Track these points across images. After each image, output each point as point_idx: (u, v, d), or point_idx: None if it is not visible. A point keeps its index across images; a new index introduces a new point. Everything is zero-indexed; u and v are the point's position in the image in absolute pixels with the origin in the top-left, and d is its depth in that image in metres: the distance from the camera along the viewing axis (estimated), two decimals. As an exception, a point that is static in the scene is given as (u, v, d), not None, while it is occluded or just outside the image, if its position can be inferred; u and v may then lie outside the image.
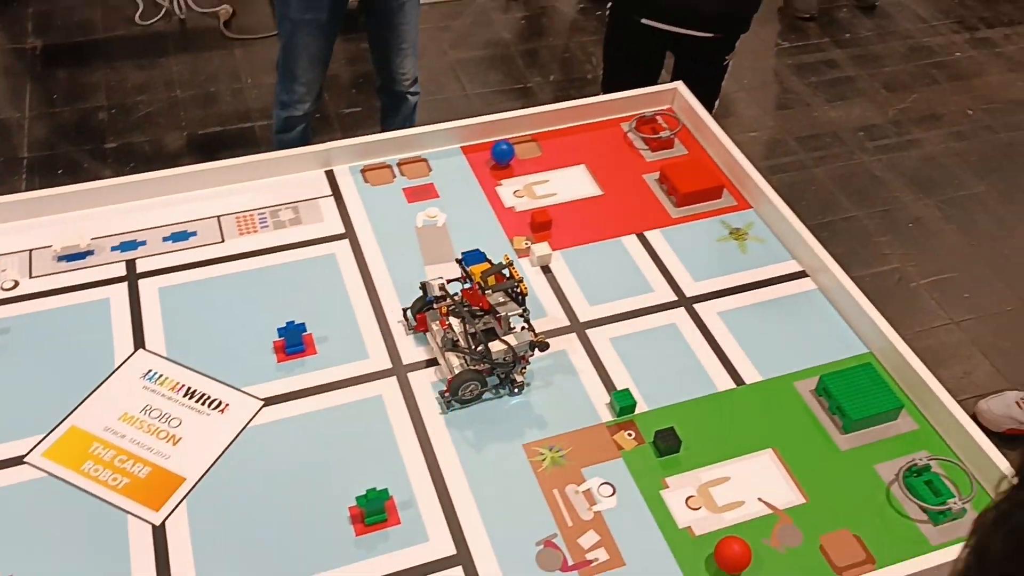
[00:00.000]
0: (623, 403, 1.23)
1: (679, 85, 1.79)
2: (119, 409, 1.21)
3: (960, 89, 3.49)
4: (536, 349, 1.24)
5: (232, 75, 3.40)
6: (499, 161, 1.63)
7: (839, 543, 1.10)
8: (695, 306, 1.41)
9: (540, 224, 1.51)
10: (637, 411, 1.25)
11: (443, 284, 1.31)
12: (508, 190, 1.60)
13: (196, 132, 3.13)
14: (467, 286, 1.27)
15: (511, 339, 1.22)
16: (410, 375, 1.29)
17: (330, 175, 1.61)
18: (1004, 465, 1.14)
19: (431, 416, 1.23)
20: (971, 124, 3.32)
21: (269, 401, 1.24)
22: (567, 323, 1.37)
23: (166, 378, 1.25)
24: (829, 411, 1.25)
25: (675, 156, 1.69)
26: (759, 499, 1.15)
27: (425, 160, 1.65)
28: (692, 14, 2.13)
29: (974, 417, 2.31)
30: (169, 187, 1.55)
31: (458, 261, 1.31)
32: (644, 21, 2.19)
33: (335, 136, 2.75)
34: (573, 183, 1.62)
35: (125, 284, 1.39)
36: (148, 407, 1.22)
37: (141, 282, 1.40)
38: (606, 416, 1.24)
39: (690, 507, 1.14)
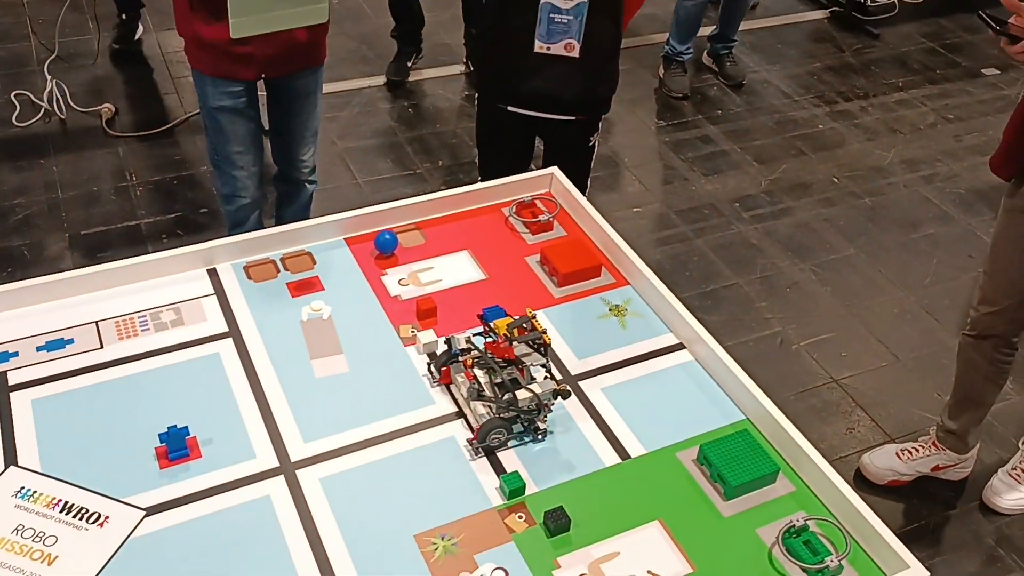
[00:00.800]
0: (512, 486, 1.24)
1: (555, 170, 1.86)
2: (-10, 531, 1.16)
3: (825, 159, 3.71)
4: (558, 397, 1.31)
5: (116, 174, 3.36)
6: (383, 251, 1.66)
7: (727, 609, 1.13)
8: (580, 384, 1.44)
9: (426, 311, 1.53)
10: (527, 492, 1.26)
11: (468, 338, 1.39)
12: (393, 279, 1.62)
13: (79, 233, 3.06)
14: (489, 339, 1.34)
15: (535, 387, 1.30)
16: (298, 472, 1.28)
17: (212, 273, 1.61)
18: (875, 520, 1.20)
19: (320, 512, 1.22)
20: (837, 191, 3.52)
21: (151, 510, 1.21)
22: (455, 409, 1.38)
23: (40, 494, 1.21)
24: (711, 479, 1.29)
25: (555, 238, 1.75)
26: (648, 572, 1.17)
27: (309, 253, 1.67)
28: (552, 99, 2.23)
29: (858, 472, 2.42)
30: (44, 294, 1.52)
31: (479, 317, 1.41)
32: (509, 108, 2.28)
33: (223, 233, 2.74)
34: (457, 269, 1.66)
35: (-4, 398, 1.35)
36: (20, 527, 1.17)
37: (13, 395, 1.35)
38: (496, 500, 1.25)
39: (582, 585, 1.15)
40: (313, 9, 2.13)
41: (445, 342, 1.41)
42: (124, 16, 4.04)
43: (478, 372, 1.34)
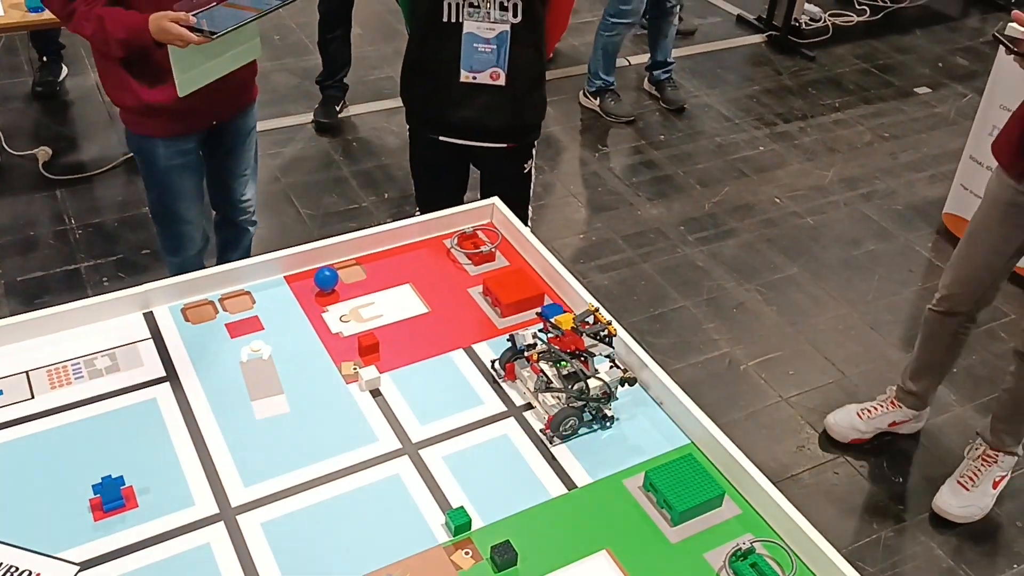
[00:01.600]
0: (458, 521, 1.23)
1: (496, 200, 1.86)
2: (-86, 594, 1.12)
3: (766, 180, 3.77)
4: (625, 384, 1.38)
5: (54, 217, 3.29)
6: (323, 287, 1.64)
7: (676, 637, 1.12)
8: (525, 415, 1.43)
9: (367, 348, 1.52)
10: (473, 528, 1.25)
11: (534, 334, 1.45)
12: (334, 316, 1.60)
13: (15, 280, 2.99)
14: (551, 335, 1.41)
15: (604, 376, 1.37)
16: (239, 517, 1.25)
17: (149, 317, 1.58)
18: (820, 540, 1.20)
19: (262, 558, 1.20)
20: (779, 211, 3.58)
21: (85, 565, 1.17)
22: (399, 446, 1.37)
23: (-32, 554, 1.17)
24: (657, 505, 1.29)
25: (497, 268, 1.74)
26: (597, 603, 1.16)
27: (248, 293, 1.64)
28: (481, 127, 2.25)
29: (824, 433, 2.57)
30: (-29, 345, 1.47)
31: (538, 314, 1.50)
32: (440, 138, 2.29)
33: (166, 274, 2.69)
34: (399, 303, 1.64)
35: (-79, 455, 1.30)
36: (-53, 588, 1.13)
37: (-61, 451, 1.31)
38: (442, 536, 1.24)
39: (530, 620, 1.14)
40: (249, 48, 2.13)
41: (509, 339, 1.48)
42: (44, 59, 3.98)
43: (543, 366, 1.41)
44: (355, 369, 1.48)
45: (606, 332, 1.40)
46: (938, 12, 5.32)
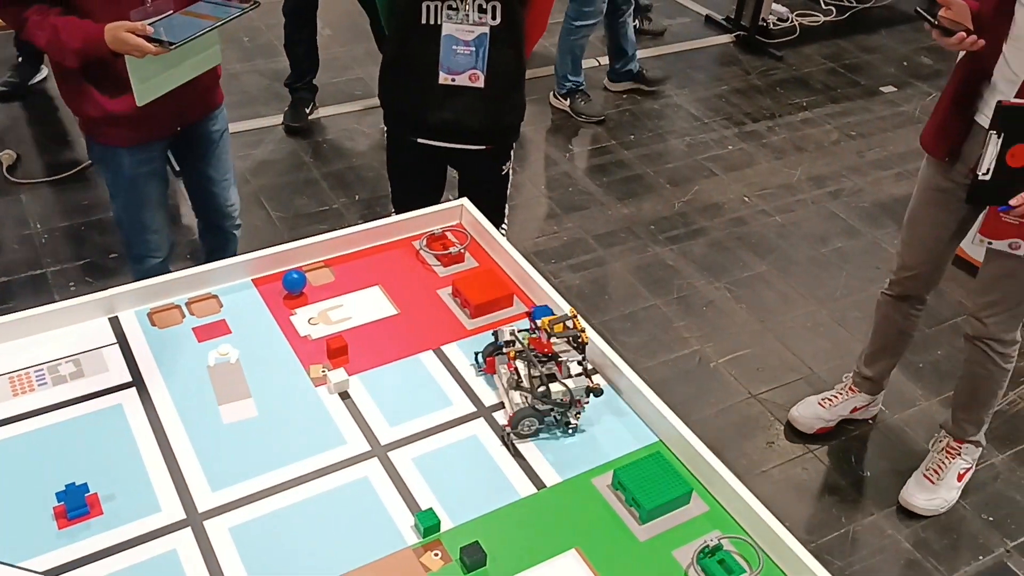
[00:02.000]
0: (427, 523, 1.23)
1: (465, 201, 1.86)
2: None
3: (735, 179, 3.80)
4: (592, 395, 1.36)
5: (19, 222, 3.25)
6: (291, 290, 1.63)
7: (645, 634, 1.13)
8: (495, 415, 1.44)
9: (336, 350, 1.51)
10: (442, 529, 1.25)
11: (514, 331, 1.45)
12: (302, 319, 1.60)
13: (-21, 284, 2.95)
14: (534, 335, 1.40)
15: (569, 382, 1.36)
16: (206, 522, 1.24)
17: (114, 322, 1.56)
18: (787, 536, 1.22)
19: (230, 563, 1.19)
20: (748, 210, 3.61)
21: (50, 573, 1.16)
22: (368, 448, 1.36)
23: (-71, 564, 1.15)
24: (626, 504, 1.29)
25: (466, 269, 1.74)
26: (566, 602, 1.17)
27: (215, 296, 1.63)
28: (460, 129, 2.24)
29: (789, 425, 2.62)
30: (-68, 352, 1.45)
31: (528, 314, 1.50)
32: (418, 140, 2.28)
33: (133, 277, 2.67)
34: (368, 305, 1.64)
35: None
36: (-93, 600, 1.11)
37: (-101, 460, 1.29)
38: (412, 538, 1.24)
39: (500, 620, 1.14)
40: (208, 55, 2.11)
41: (492, 334, 1.48)
42: (20, 59, 3.93)
43: (519, 364, 1.40)
44: (324, 372, 1.48)
45: (579, 339, 1.40)
46: (903, 12, 5.39)
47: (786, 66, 4.75)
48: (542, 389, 1.36)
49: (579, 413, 1.39)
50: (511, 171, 2.42)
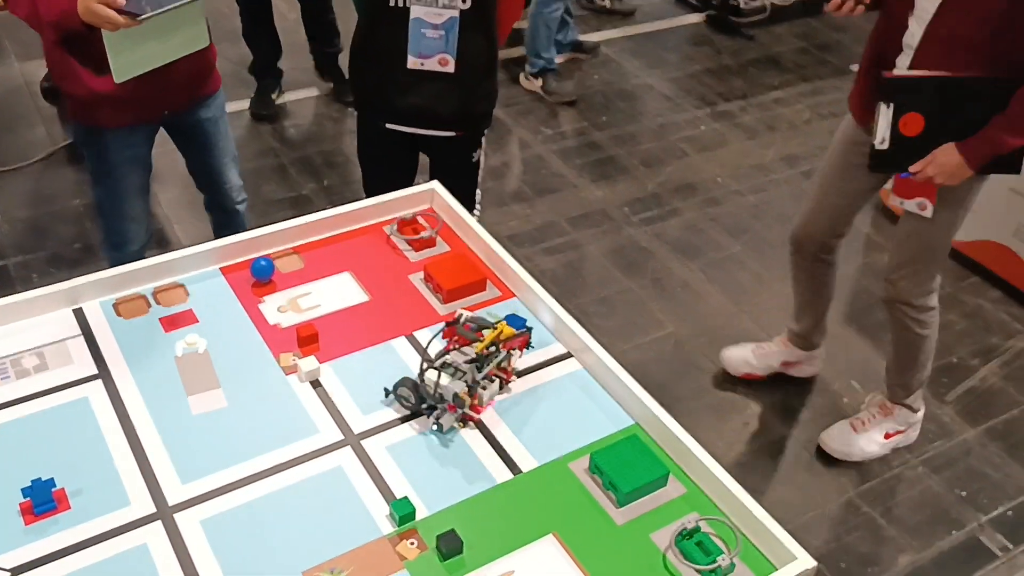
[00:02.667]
0: (402, 512, 1.21)
1: (436, 184, 1.84)
2: None
3: (708, 159, 3.80)
4: (454, 402, 1.33)
5: (-20, 212, 3.18)
6: (259, 278, 1.61)
7: (624, 618, 1.12)
8: (469, 401, 1.42)
9: (306, 338, 1.49)
10: (418, 517, 1.23)
11: (472, 318, 1.45)
12: (271, 306, 1.57)
13: (-61, 276, 2.89)
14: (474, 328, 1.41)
15: (445, 380, 1.33)
16: (176, 515, 1.22)
17: (79, 313, 1.53)
18: (764, 516, 1.21)
19: (201, 557, 1.17)
20: (721, 190, 3.61)
21: (17, 571, 1.14)
22: (341, 437, 1.34)
23: None
24: (603, 487, 1.28)
25: (438, 254, 1.72)
26: (544, 588, 1.16)
27: (182, 285, 1.60)
28: (430, 115, 2.22)
29: (770, 410, 2.64)
30: None
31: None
32: (387, 125, 2.25)
33: (99, 267, 2.61)
34: (338, 292, 1.62)
35: None
36: None
37: None
38: (387, 528, 1.22)
39: (477, 608, 1.13)
40: (192, 36, 2.06)
41: (459, 313, 1.48)
42: None
43: (455, 350, 1.40)
44: (294, 360, 1.46)
45: (489, 353, 1.37)
46: (872, -9, 5.39)
47: (757, 46, 4.74)
48: (426, 373, 1.35)
49: (457, 421, 1.36)
50: (483, 158, 2.39)
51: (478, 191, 2.45)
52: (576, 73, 4.33)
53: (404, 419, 1.38)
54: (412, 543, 1.20)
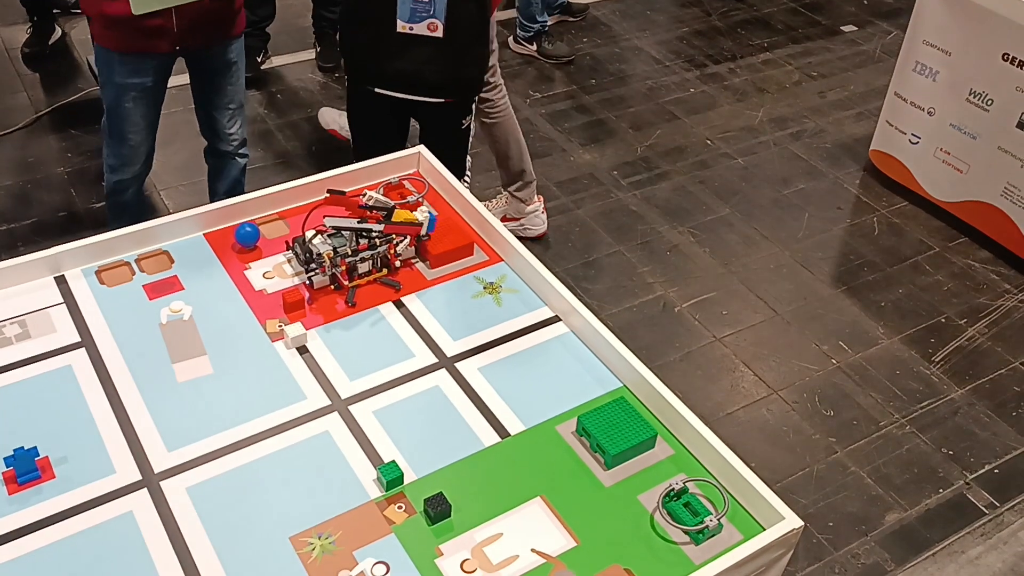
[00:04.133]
0: (390, 476, 1.21)
1: (422, 148, 1.82)
2: None
3: (698, 122, 3.77)
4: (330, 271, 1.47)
5: (-38, 180, 3.14)
6: (244, 244, 1.59)
7: (612, 579, 1.13)
8: (456, 365, 1.42)
9: (292, 304, 1.48)
10: (406, 482, 1.23)
11: (379, 201, 1.59)
12: (257, 272, 1.56)
13: (-76, 245, 2.86)
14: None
15: (319, 240, 1.49)
16: (163, 483, 1.21)
17: (61, 281, 1.51)
18: (751, 476, 1.21)
19: (188, 524, 1.17)
20: (711, 153, 3.59)
21: (2, 540, 1.13)
22: (328, 403, 1.34)
23: None
24: (591, 450, 1.28)
25: (425, 218, 1.70)
26: (532, 550, 1.16)
27: (166, 252, 1.59)
28: (418, 80, 2.19)
29: (756, 372, 2.64)
30: None
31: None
32: (377, 90, 2.23)
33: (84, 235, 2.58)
34: (324, 258, 1.60)
35: None
36: None
37: None
38: (375, 492, 1.22)
39: (465, 571, 1.13)
40: None
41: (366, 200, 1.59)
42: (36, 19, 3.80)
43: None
44: (280, 326, 1.44)
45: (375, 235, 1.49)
46: (863, -51, 5.34)
47: (747, 7, 4.69)
48: (310, 234, 1.49)
49: (326, 278, 1.49)
50: (473, 125, 2.37)
51: (468, 158, 2.43)
52: (565, 36, 4.28)
53: (391, 384, 1.37)
54: (400, 507, 1.20)
